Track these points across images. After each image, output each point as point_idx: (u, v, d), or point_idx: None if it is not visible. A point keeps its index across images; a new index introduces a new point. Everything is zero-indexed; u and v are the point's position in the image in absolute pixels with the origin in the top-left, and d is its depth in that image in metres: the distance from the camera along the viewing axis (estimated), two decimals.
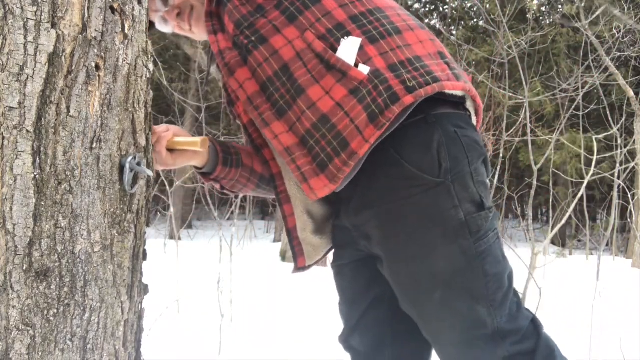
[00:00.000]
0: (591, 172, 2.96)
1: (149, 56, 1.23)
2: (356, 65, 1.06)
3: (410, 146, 1.06)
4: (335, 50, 1.08)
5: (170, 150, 1.27)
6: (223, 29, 1.21)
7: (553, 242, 11.66)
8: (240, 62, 1.17)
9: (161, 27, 1.36)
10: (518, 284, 2.91)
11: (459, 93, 1.13)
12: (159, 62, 6.45)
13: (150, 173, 1.19)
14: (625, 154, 6.26)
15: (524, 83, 3.98)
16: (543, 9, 11.05)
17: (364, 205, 1.11)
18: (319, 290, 4.01)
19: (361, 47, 1.08)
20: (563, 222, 3.11)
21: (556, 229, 3.07)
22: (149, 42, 1.24)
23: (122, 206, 1.15)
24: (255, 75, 1.15)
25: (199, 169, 1.33)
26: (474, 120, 1.22)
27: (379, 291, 1.21)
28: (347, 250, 1.25)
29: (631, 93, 7.39)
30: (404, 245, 1.07)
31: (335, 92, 1.06)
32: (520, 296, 1.35)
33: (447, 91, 1.08)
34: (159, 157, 1.27)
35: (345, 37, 1.08)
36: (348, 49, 1.08)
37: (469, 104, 1.18)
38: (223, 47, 1.21)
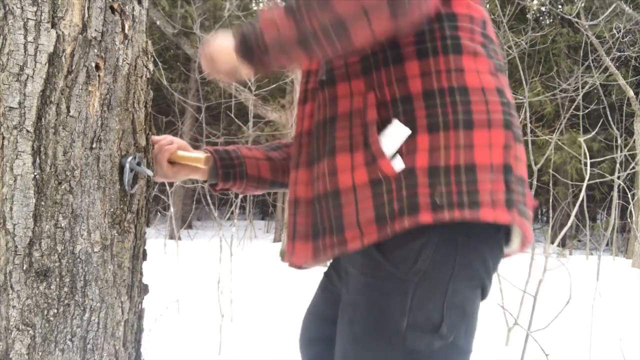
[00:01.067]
0: (587, 178, 2.95)
1: (149, 56, 1.23)
2: (395, 154, 0.91)
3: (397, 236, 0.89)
4: (384, 126, 0.93)
5: (172, 163, 1.27)
6: None
7: (553, 242, 11.66)
8: (313, 94, 1.07)
9: None
10: (518, 284, 2.89)
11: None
12: (159, 62, 6.45)
13: (150, 173, 1.19)
14: (625, 154, 6.26)
15: (524, 83, 3.98)
16: (543, 9, 11.05)
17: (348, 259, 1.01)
18: None
19: (413, 134, 0.91)
20: (568, 226, 3.11)
21: (563, 232, 3.06)
22: (149, 42, 1.24)
23: (122, 206, 1.15)
24: (314, 116, 1.05)
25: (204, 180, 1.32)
26: (512, 247, 1.00)
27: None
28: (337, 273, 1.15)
29: (631, 93, 7.39)
30: (352, 314, 0.96)
31: (358, 174, 0.93)
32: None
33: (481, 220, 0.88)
34: (160, 169, 1.25)
35: (397, 118, 0.93)
36: (393, 134, 0.93)
37: (513, 232, 0.97)
38: (313, 69, 1.09)
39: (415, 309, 0.89)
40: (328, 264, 1.22)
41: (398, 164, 0.91)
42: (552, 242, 11.26)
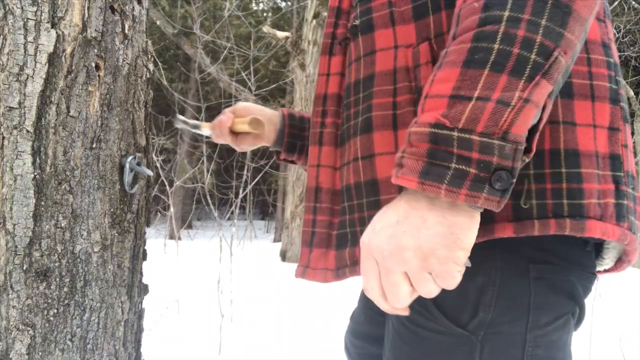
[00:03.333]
0: None
1: (149, 56, 1.23)
2: None
3: None
4: None
5: (235, 133, 1.12)
6: None
7: None
8: (343, 43, 0.79)
9: None
10: None
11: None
12: (159, 62, 6.45)
13: (150, 173, 1.19)
14: None
15: None
16: None
17: None
18: (319, 290, 4.00)
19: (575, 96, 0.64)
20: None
21: None
22: (149, 42, 1.24)
23: (122, 206, 1.15)
24: (344, 75, 0.80)
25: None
26: (603, 264, 0.73)
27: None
28: None
29: (631, 93, 7.40)
30: None
31: None
32: None
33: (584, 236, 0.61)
34: (228, 142, 1.11)
35: None
36: None
37: (608, 246, 0.69)
38: (343, 7, 0.81)
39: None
40: None
41: None
42: None
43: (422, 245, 0.52)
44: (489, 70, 0.51)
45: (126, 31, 1.14)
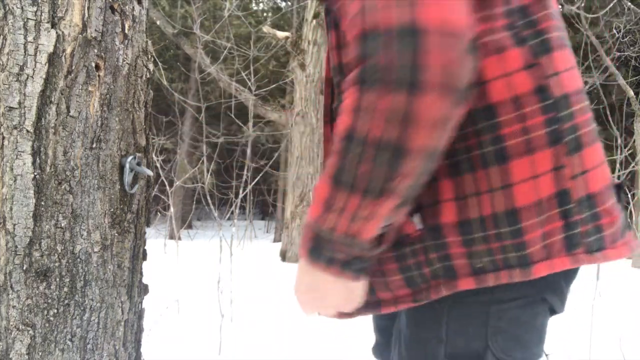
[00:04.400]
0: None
1: (149, 56, 1.23)
2: (413, 212, 0.73)
3: None
4: None
5: None
6: None
7: None
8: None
9: None
10: None
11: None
12: (159, 62, 6.45)
13: (150, 173, 1.19)
14: (625, 155, 6.27)
15: None
16: None
17: None
18: None
19: (434, 181, 0.71)
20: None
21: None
22: (149, 42, 1.24)
23: (122, 206, 1.15)
24: None
25: None
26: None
27: None
28: None
29: (631, 93, 7.39)
30: (399, 349, 0.87)
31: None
32: None
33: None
34: None
35: None
36: None
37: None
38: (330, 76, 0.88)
39: (452, 336, 0.77)
40: None
41: (417, 221, 0.74)
42: None
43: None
44: (348, 191, 0.64)
45: (126, 31, 1.14)
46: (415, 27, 0.57)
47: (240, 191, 3.45)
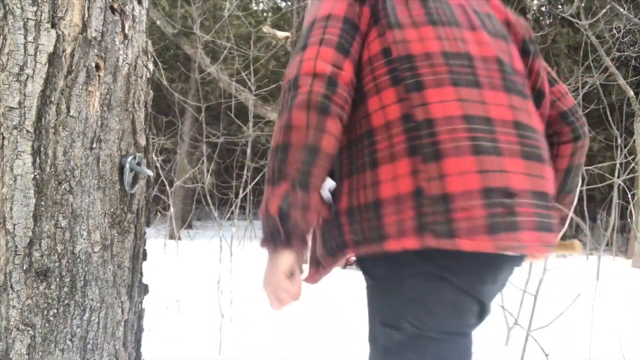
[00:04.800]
0: (585, 184, 2.94)
1: (149, 56, 1.23)
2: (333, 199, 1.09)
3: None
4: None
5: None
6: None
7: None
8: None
9: None
10: (518, 284, 2.90)
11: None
12: (159, 62, 6.45)
13: (150, 173, 1.19)
14: (625, 154, 6.26)
15: None
16: (543, 9, 11.05)
17: None
18: (319, 290, 4.01)
19: (340, 180, 1.05)
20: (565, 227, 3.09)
21: (562, 231, 3.04)
22: (149, 42, 1.24)
23: (122, 206, 1.15)
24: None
25: None
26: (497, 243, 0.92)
27: None
28: None
29: (631, 93, 7.39)
30: None
31: (320, 217, 1.11)
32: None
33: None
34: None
35: (335, 169, 1.09)
36: (326, 184, 1.10)
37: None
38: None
39: (382, 308, 1.05)
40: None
41: (332, 208, 1.07)
42: None
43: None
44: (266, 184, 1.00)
45: (126, 31, 1.14)
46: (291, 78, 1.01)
47: (240, 191, 3.45)
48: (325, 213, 1.07)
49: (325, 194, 1.09)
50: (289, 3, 12.30)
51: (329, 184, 1.10)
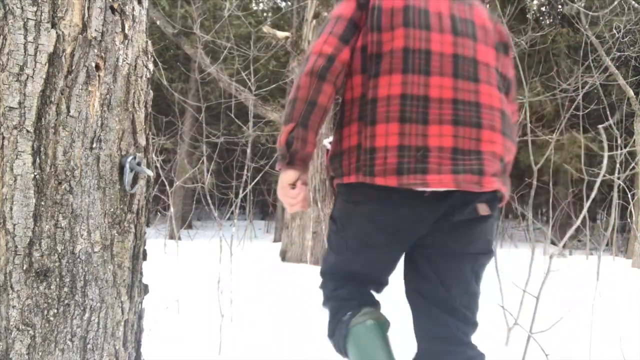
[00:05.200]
0: (586, 181, 2.94)
1: (149, 56, 1.23)
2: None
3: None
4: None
5: None
6: None
7: (553, 242, 11.67)
8: None
9: None
10: (518, 284, 2.89)
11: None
12: (159, 62, 6.45)
13: (150, 173, 1.19)
14: (625, 154, 6.26)
15: (524, 83, 3.98)
16: (543, 9, 11.05)
17: None
18: (319, 290, 4.01)
19: (340, 127, 1.49)
20: (573, 228, 3.09)
21: (568, 234, 3.05)
22: (149, 42, 1.24)
23: (122, 206, 1.15)
24: None
25: None
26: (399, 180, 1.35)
27: None
28: None
29: (631, 93, 7.39)
30: None
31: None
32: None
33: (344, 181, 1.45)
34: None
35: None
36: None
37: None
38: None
39: (334, 209, 1.55)
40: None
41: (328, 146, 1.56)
42: (553, 243, 11.27)
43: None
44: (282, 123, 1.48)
45: (126, 31, 1.14)
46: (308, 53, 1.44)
47: (240, 191, 3.45)
48: (327, 155, 1.54)
49: (327, 144, 1.58)
50: (289, 3, 12.30)
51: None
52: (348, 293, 1.54)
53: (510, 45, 1.57)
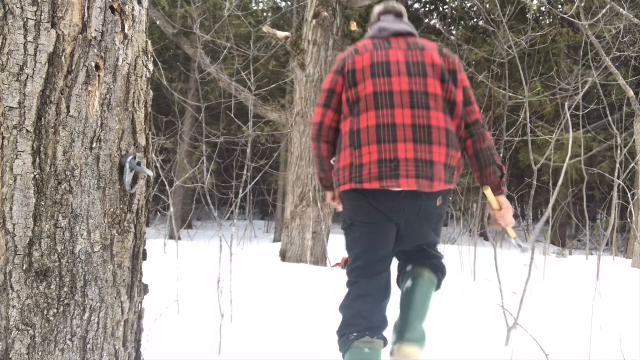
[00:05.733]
0: (586, 178, 2.93)
1: (149, 56, 1.23)
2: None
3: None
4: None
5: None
6: None
7: (553, 242, 11.67)
8: None
9: None
10: (518, 284, 2.88)
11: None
12: (158, 62, 6.45)
13: (150, 173, 1.19)
14: (625, 154, 6.26)
15: (524, 83, 3.99)
16: (543, 9, 11.05)
17: None
18: (319, 290, 4.00)
19: (339, 152, 2.08)
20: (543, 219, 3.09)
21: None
22: (149, 42, 1.24)
23: (122, 206, 1.15)
24: None
25: None
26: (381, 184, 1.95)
27: None
28: None
29: (631, 93, 7.38)
30: None
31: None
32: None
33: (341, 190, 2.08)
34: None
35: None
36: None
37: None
38: None
39: (343, 213, 2.13)
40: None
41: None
42: (553, 243, 11.25)
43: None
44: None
45: (126, 31, 1.14)
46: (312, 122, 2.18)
47: (240, 191, 3.45)
48: (333, 171, 2.13)
49: (332, 163, 2.17)
50: (289, 3, 12.31)
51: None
52: (355, 302, 1.98)
53: (459, 69, 2.06)
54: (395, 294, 2.04)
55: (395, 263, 2.14)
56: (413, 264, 2.10)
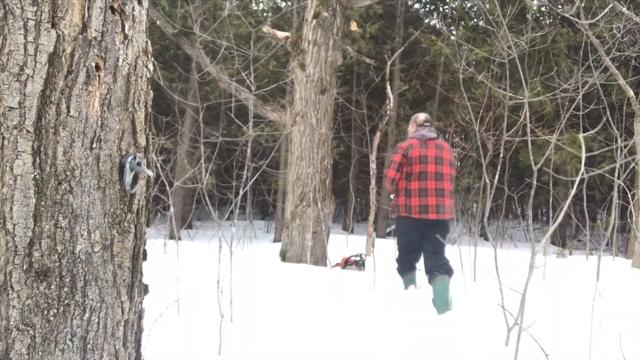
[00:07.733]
0: (580, 176, 2.94)
1: (149, 56, 1.23)
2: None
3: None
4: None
5: None
6: None
7: (553, 242, 11.67)
8: None
9: None
10: (518, 284, 2.89)
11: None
12: (156, 63, 6.45)
13: (150, 173, 1.19)
14: (625, 154, 6.26)
15: (524, 83, 3.99)
16: (543, 9, 11.05)
17: None
18: (319, 291, 4.01)
19: (396, 197, 4.28)
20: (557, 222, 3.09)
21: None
22: (149, 42, 1.24)
23: (122, 206, 1.15)
24: None
25: None
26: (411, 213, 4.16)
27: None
28: None
29: (631, 93, 7.39)
30: None
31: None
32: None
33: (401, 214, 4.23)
34: None
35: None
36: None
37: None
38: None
39: (397, 233, 4.51)
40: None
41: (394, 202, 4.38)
42: (553, 243, 11.25)
43: None
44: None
45: (126, 31, 1.14)
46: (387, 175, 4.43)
47: (240, 191, 3.44)
48: (394, 202, 4.28)
49: (391, 197, 4.34)
50: (289, 3, 12.31)
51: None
52: (405, 261, 4.40)
53: (453, 159, 4.29)
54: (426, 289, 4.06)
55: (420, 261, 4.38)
56: (436, 271, 3.96)
